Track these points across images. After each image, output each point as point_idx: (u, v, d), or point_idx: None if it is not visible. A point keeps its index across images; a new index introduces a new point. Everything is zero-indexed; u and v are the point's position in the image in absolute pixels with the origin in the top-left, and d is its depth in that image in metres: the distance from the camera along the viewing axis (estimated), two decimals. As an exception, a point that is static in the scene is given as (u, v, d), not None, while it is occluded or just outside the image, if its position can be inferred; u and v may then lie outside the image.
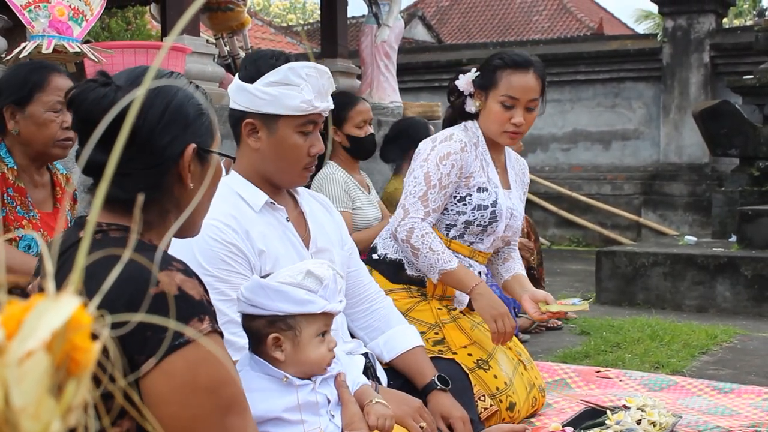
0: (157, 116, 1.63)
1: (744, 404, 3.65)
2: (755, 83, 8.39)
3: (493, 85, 3.35)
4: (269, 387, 2.08)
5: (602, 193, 11.49)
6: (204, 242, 2.40)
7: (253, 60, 2.62)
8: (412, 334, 3.00)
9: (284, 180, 2.67)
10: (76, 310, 0.63)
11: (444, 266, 3.23)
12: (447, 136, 3.37)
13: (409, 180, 3.34)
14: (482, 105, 3.40)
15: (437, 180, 3.29)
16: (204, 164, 1.73)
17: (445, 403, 2.85)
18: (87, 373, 0.65)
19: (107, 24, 13.70)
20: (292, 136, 2.58)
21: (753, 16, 21.75)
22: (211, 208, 2.47)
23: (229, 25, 7.49)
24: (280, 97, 2.53)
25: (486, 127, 3.42)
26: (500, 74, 3.34)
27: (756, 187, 7.92)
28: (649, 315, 5.99)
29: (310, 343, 2.10)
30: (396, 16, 7.60)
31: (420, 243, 3.24)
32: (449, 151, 3.31)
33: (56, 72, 2.94)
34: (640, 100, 11.50)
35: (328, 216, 2.87)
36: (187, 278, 1.55)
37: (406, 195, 3.31)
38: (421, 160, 3.33)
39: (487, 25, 26.12)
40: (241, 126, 2.61)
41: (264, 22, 22.67)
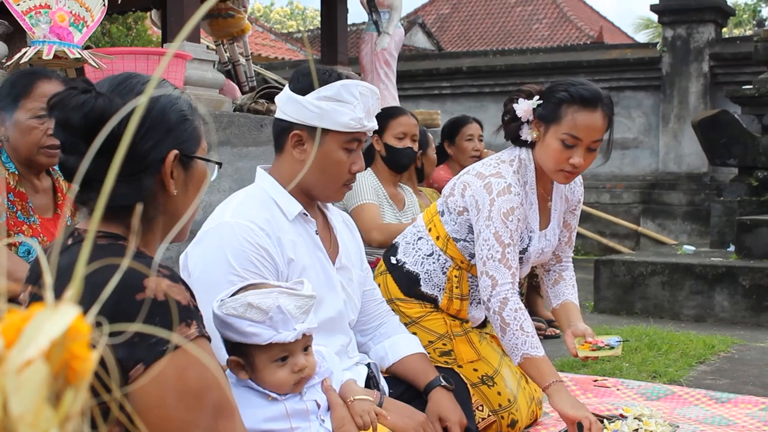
0: (139, 122, 1.62)
1: (741, 414, 3.66)
2: (754, 93, 8.40)
3: (555, 120, 3.06)
4: (256, 400, 2.08)
5: (601, 201, 11.49)
6: (237, 242, 2.44)
7: (306, 73, 2.65)
8: (416, 341, 3.04)
9: (323, 194, 2.71)
10: (75, 319, 0.64)
11: (529, 351, 2.99)
12: (504, 187, 3.09)
13: (480, 243, 3.08)
14: (540, 136, 3.13)
15: (509, 239, 3.05)
16: (188, 170, 1.73)
17: (445, 403, 2.85)
18: (85, 382, 0.65)
19: (108, 29, 13.73)
20: (337, 152, 2.62)
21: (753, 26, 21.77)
22: (246, 211, 2.52)
23: (229, 32, 7.50)
24: (331, 113, 2.57)
25: (541, 161, 3.16)
26: (565, 109, 3.04)
27: (755, 197, 7.93)
28: (647, 324, 5.99)
29: (267, 369, 2.09)
30: (396, 24, 7.61)
31: (512, 318, 3.00)
32: (512, 206, 3.06)
33: (44, 78, 2.93)
34: (639, 109, 11.51)
35: (350, 235, 2.90)
36: (173, 284, 1.55)
37: (484, 260, 3.05)
38: (484, 219, 3.07)
39: (487, 33, 26.17)
40: (286, 136, 2.64)
41: (264, 29, 22.70)
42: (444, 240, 3.29)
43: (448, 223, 3.28)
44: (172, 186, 1.68)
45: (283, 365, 2.10)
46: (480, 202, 3.10)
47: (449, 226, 3.27)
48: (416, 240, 3.36)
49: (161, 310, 1.51)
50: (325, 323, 2.64)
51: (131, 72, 1.77)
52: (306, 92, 2.60)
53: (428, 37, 23.74)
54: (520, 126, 3.17)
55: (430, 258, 3.33)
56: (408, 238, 3.41)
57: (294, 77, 2.69)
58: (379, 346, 2.96)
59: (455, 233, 3.26)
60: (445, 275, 3.30)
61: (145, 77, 1.77)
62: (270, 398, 2.09)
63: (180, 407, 1.51)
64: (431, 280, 3.32)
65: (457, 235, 3.26)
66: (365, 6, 7.66)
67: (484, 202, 3.08)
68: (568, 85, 3.10)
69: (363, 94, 2.62)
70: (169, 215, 1.73)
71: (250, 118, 5.26)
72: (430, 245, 3.32)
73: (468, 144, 5.74)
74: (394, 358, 2.94)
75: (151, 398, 1.50)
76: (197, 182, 1.76)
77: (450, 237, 3.28)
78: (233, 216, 2.51)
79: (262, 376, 2.09)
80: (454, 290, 3.29)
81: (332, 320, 2.68)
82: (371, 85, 2.71)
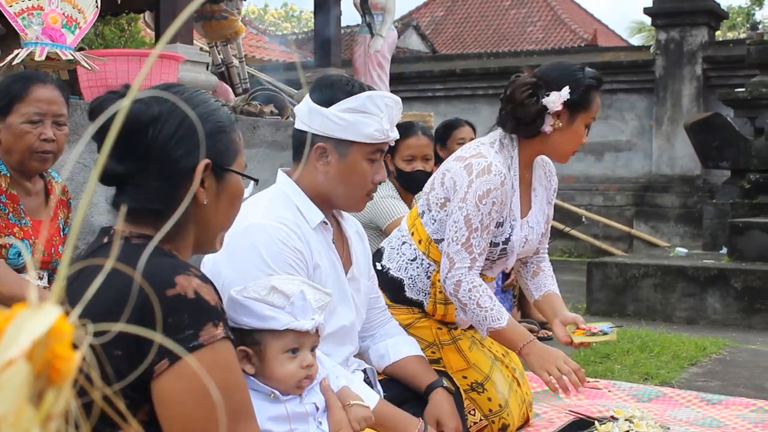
0: (173, 129, 1.67)
1: (732, 416, 3.66)
2: (747, 96, 8.43)
3: (586, 106, 3.14)
4: (257, 402, 2.08)
5: (594, 204, 11.51)
6: (273, 243, 2.43)
7: (328, 84, 2.62)
8: (416, 344, 3.04)
9: (345, 204, 2.70)
10: (58, 319, 0.64)
11: (492, 324, 3.03)
12: (485, 166, 3.07)
13: (449, 223, 3.11)
14: (563, 124, 3.14)
15: (479, 222, 3.05)
16: (221, 182, 1.75)
17: (445, 407, 2.84)
18: (67, 382, 0.65)
19: (101, 31, 13.71)
20: (362, 163, 2.59)
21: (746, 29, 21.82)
22: (277, 213, 2.52)
23: (223, 34, 7.50)
24: (357, 124, 2.54)
25: (558, 147, 3.20)
26: (593, 94, 3.16)
27: (747, 200, 7.95)
28: (639, 326, 6.00)
29: (277, 359, 2.08)
30: (389, 27, 7.62)
31: (467, 298, 3.04)
32: (489, 187, 3.05)
33: (40, 83, 2.91)
34: (632, 111, 11.54)
35: (361, 245, 2.88)
36: (203, 284, 1.57)
37: (449, 242, 3.09)
38: (458, 201, 3.08)
39: (481, 36, 26.18)
40: (309, 148, 2.61)
41: (259, 31, 22.69)
42: (426, 243, 3.26)
43: (428, 224, 3.25)
44: (203, 195, 1.71)
45: (293, 358, 2.10)
46: (458, 183, 3.11)
47: (429, 227, 3.25)
48: (400, 245, 3.34)
49: (190, 307, 1.53)
50: (337, 332, 2.64)
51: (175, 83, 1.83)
52: (329, 104, 2.56)
53: (422, 39, 23.74)
54: (542, 118, 3.15)
55: (413, 263, 3.30)
56: (393, 243, 3.38)
57: (315, 88, 2.65)
58: (380, 345, 2.96)
59: (436, 234, 3.23)
60: (429, 279, 3.28)
61: (188, 88, 1.82)
62: (272, 396, 2.09)
63: (201, 406, 1.53)
64: (415, 285, 3.29)
65: (438, 236, 3.23)
66: (358, 8, 7.67)
67: (462, 182, 3.09)
68: (581, 69, 3.20)
69: (388, 105, 2.59)
70: (200, 224, 1.75)
71: (243, 120, 5.26)
72: (413, 249, 3.29)
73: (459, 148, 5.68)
74: (395, 357, 2.92)
75: (175, 395, 1.52)
76: (231, 195, 1.78)
77: (431, 239, 3.24)
78: (263, 218, 2.48)
79: (272, 367, 2.08)
80: (438, 295, 3.26)
81: (344, 329, 2.67)
82: (395, 96, 2.69)
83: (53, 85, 2.95)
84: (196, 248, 1.79)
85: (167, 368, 1.51)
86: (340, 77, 2.72)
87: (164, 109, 1.67)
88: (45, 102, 2.87)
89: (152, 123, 1.67)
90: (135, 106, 1.63)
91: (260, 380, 2.10)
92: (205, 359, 1.53)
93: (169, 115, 1.67)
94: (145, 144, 1.67)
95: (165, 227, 1.06)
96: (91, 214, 4.22)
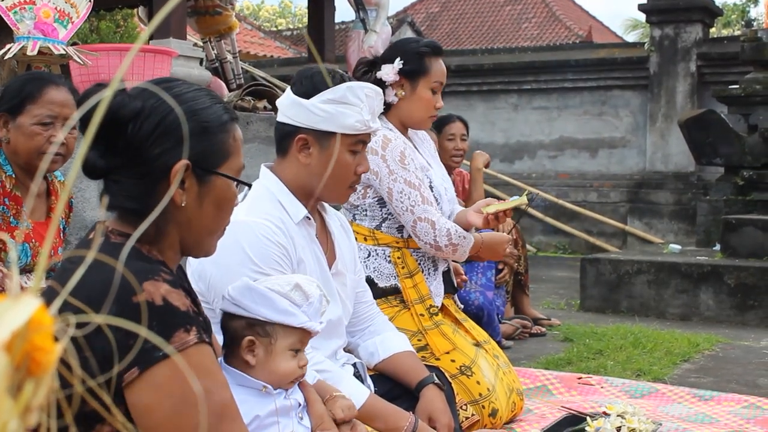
0: (152, 126, 1.62)
1: (724, 412, 3.67)
2: (741, 93, 8.43)
3: (424, 72, 3.42)
4: (246, 397, 2.08)
5: (588, 200, 11.52)
6: (257, 240, 2.44)
7: (309, 76, 2.64)
8: (405, 339, 3.05)
9: (329, 196, 2.73)
10: (37, 311, 0.64)
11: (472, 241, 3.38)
12: (382, 139, 3.33)
13: (395, 199, 3.31)
14: (406, 94, 3.44)
15: (416, 179, 3.32)
16: (204, 184, 1.69)
17: (436, 404, 2.85)
18: (47, 374, 0.65)
19: (96, 26, 13.69)
20: (344, 154, 2.63)
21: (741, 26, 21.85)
22: (261, 210, 2.52)
23: (216, 29, 7.47)
24: (337, 116, 2.57)
25: (410, 115, 3.47)
26: (429, 61, 3.42)
27: (740, 197, 7.96)
28: (633, 322, 6.01)
29: (283, 355, 2.11)
30: (383, 22, 7.61)
31: (458, 238, 3.34)
32: (400, 150, 3.33)
33: (53, 85, 2.89)
34: (627, 108, 11.54)
35: (346, 239, 2.89)
36: (172, 289, 1.54)
37: (410, 209, 3.31)
38: (387, 176, 3.31)
39: (476, 32, 26.18)
40: (291, 140, 2.63)
41: (253, 27, 22.66)
42: (370, 235, 3.40)
43: (361, 220, 3.41)
44: (180, 197, 1.66)
45: (294, 356, 2.13)
46: (374, 166, 3.26)
47: (364, 222, 3.41)
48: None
49: (159, 315, 1.50)
50: (325, 326, 2.64)
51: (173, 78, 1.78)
52: (310, 95, 2.59)
53: (417, 35, 23.74)
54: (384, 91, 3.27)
55: (369, 258, 3.39)
56: None
57: (296, 80, 2.67)
58: (369, 342, 2.96)
59: (373, 221, 3.41)
60: (390, 263, 3.39)
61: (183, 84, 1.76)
62: (264, 390, 2.10)
63: (175, 414, 1.50)
64: (382, 274, 3.38)
65: (376, 223, 3.41)
66: (353, 4, 7.66)
67: (377, 162, 3.28)
68: (417, 41, 3.55)
69: (368, 96, 2.62)
70: (183, 227, 1.69)
71: (236, 116, 5.24)
72: (363, 249, 3.38)
73: (449, 143, 5.54)
74: (384, 354, 2.93)
75: (146, 403, 1.49)
76: (216, 199, 1.71)
77: (371, 229, 3.40)
78: (248, 214, 2.49)
79: (277, 361, 2.10)
80: (401, 271, 3.37)
81: (330, 324, 2.67)
82: (375, 87, 2.71)
83: (66, 87, 2.93)
84: (185, 251, 1.75)
85: (137, 377, 1.48)
86: (320, 69, 2.73)
87: (148, 105, 1.63)
88: (58, 105, 2.85)
89: (133, 118, 1.62)
90: (118, 100, 1.59)
91: (252, 374, 2.10)
92: (175, 367, 1.50)
93: (151, 111, 1.63)
94: (125, 139, 1.62)
95: (140, 228, 1.04)
96: (83, 209, 4.21)
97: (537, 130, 11.87)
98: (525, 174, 11.84)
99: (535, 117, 11.92)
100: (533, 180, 11.78)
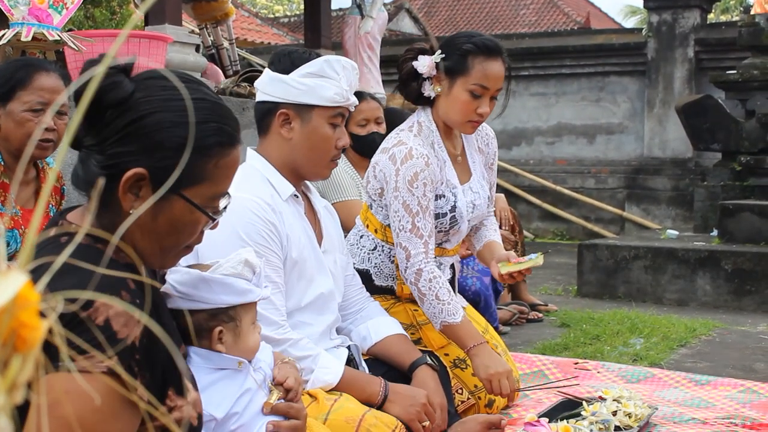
0: (125, 123, 1.51)
1: (720, 396, 3.67)
2: (738, 78, 8.42)
3: (463, 72, 3.12)
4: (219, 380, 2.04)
5: (586, 186, 11.52)
6: (246, 216, 2.49)
7: (286, 54, 2.71)
8: (397, 324, 3.08)
9: (311, 171, 2.74)
10: (23, 287, 0.64)
11: (447, 319, 3.06)
12: (406, 153, 3.10)
13: (391, 215, 3.13)
14: (444, 90, 3.17)
15: (417, 206, 3.07)
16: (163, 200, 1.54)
17: (429, 384, 2.86)
18: (34, 351, 0.65)
19: (92, 13, 13.63)
20: (324, 127, 2.67)
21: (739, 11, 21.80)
22: (250, 187, 2.55)
23: (212, 15, 7.46)
24: (316, 88, 2.63)
25: (447, 116, 3.20)
26: (472, 60, 3.11)
27: (738, 182, 7.96)
28: (630, 308, 6.02)
29: (248, 331, 2.09)
30: (379, 8, 7.60)
31: (427, 289, 3.06)
32: (416, 171, 3.07)
33: (43, 71, 2.87)
34: (624, 94, 11.52)
35: (332, 221, 2.94)
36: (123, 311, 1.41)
37: (397, 232, 3.10)
38: (392, 191, 3.10)
39: (474, 18, 26.12)
40: (272, 116, 2.68)
41: (250, 13, 22.59)
42: (381, 230, 3.28)
43: (378, 212, 3.28)
44: (128, 201, 1.52)
45: (255, 327, 2.12)
46: (387, 175, 3.13)
47: (380, 214, 3.27)
48: (359, 239, 3.35)
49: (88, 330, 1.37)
50: (317, 300, 2.71)
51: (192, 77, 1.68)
52: (288, 71, 2.65)
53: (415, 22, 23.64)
54: (421, 83, 3.20)
55: (374, 252, 3.32)
56: (351, 240, 3.38)
57: (274, 59, 2.73)
58: (361, 327, 2.99)
59: (387, 220, 3.24)
60: (393, 263, 3.30)
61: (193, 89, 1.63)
62: (240, 366, 2.07)
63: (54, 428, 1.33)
64: (382, 272, 3.32)
65: (388, 222, 3.23)
66: (349, -10, 7.63)
67: (390, 173, 3.11)
68: (469, 36, 3.19)
69: (345, 68, 2.68)
70: (134, 234, 1.56)
71: (232, 102, 5.24)
72: (372, 240, 3.31)
73: None
74: (376, 338, 2.96)
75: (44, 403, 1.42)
76: (172, 218, 1.57)
77: (384, 225, 3.26)
78: (236, 191, 2.50)
79: (245, 341, 2.07)
80: (401, 276, 3.27)
81: (323, 297, 2.73)
82: (351, 61, 2.75)
83: (56, 73, 2.92)
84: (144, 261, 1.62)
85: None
86: (295, 47, 2.82)
87: (135, 97, 1.52)
88: (48, 91, 2.84)
89: (116, 105, 1.51)
90: (110, 82, 1.49)
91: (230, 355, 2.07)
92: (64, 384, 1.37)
93: (133, 105, 1.52)
94: (101, 123, 1.52)
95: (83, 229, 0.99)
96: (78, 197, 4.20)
97: (534, 117, 11.86)
98: (522, 160, 11.84)
99: (532, 103, 11.91)
100: (531, 166, 11.78)
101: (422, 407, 2.68)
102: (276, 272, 2.56)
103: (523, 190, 11.52)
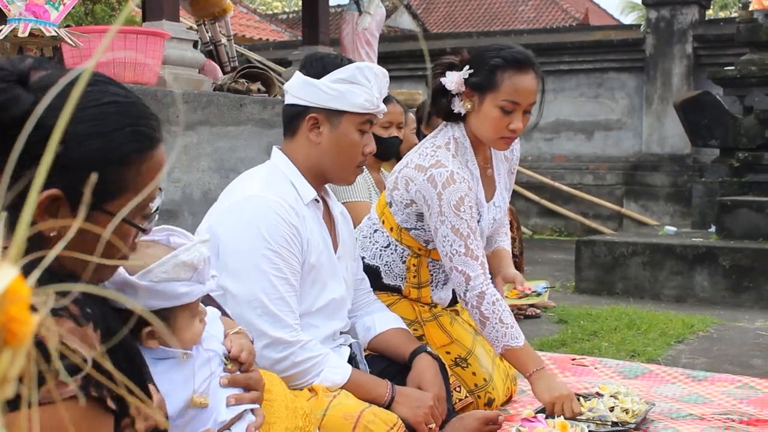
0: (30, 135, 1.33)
1: (717, 392, 3.68)
2: (736, 74, 8.42)
3: (492, 88, 3.00)
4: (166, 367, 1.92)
5: (584, 183, 11.52)
6: (271, 218, 2.51)
7: (318, 58, 2.73)
8: (401, 320, 3.11)
9: (337, 176, 2.76)
10: (14, 281, 0.64)
11: (510, 342, 2.98)
12: (447, 177, 2.99)
13: (439, 239, 3.02)
14: (474, 107, 3.06)
15: (467, 228, 2.98)
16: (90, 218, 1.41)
17: (427, 374, 2.87)
18: (24, 345, 0.65)
19: (91, 9, 13.62)
20: (353, 133, 2.68)
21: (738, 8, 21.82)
22: (275, 188, 2.56)
23: (210, 12, 7.45)
24: (347, 94, 2.64)
25: (479, 132, 3.10)
26: (501, 75, 2.99)
27: (736, 178, 7.96)
28: (627, 304, 6.02)
29: (186, 326, 1.94)
30: (377, 4, 7.59)
31: (491, 312, 2.97)
32: (461, 195, 2.98)
33: None
34: (622, 90, 11.52)
35: (346, 226, 2.95)
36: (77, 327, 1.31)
37: (449, 256, 3.00)
38: (437, 215, 2.99)
39: (473, 15, 26.11)
40: (301, 120, 2.69)
41: (249, 10, 22.57)
42: (397, 230, 3.24)
43: (397, 213, 3.21)
44: (46, 225, 1.36)
45: (194, 317, 1.97)
46: (428, 197, 3.02)
47: (399, 216, 3.21)
48: (372, 233, 3.32)
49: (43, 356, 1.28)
50: (328, 305, 2.72)
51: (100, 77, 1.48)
52: (320, 76, 2.66)
53: (414, 18, 23.64)
54: (451, 99, 3.11)
55: (387, 249, 3.28)
56: (364, 232, 3.34)
57: (306, 63, 2.74)
58: (366, 318, 3.03)
59: (405, 223, 3.20)
60: (405, 264, 3.26)
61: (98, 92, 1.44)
62: (185, 357, 1.93)
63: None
64: (392, 271, 3.28)
65: (407, 225, 3.20)
66: (347, -14, 7.62)
67: (431, 196, 3.01)
68: (498, 50, 3.05)
69: (377, 75, 2.69)
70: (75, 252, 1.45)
71: (229, 98, 5.23)
72: (386, 236, 3.27)
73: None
74: (380, 329, 3.00)
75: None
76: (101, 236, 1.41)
77: (402, 227, 3.22)
78: (263, 190, 2.57)
79: (182, 334, 1.94)
80: (411, 279, 3.26)
81: (334, 303, 2.74)
82: (383, 68, 2.77)
83: None
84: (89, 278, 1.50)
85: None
86: (327, 53, 2.84)
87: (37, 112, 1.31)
88: None
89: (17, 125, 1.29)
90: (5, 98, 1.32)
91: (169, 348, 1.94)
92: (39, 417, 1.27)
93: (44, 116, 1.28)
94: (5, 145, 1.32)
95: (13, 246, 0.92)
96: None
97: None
98: (521, 157, 11.82)
99: (530, 100, 11.88)
100: (529, 163, 11.78)
101: (429, 409, 2.70)
102: (294, 275, 2.57)
103: (522, 186, 11.52)
